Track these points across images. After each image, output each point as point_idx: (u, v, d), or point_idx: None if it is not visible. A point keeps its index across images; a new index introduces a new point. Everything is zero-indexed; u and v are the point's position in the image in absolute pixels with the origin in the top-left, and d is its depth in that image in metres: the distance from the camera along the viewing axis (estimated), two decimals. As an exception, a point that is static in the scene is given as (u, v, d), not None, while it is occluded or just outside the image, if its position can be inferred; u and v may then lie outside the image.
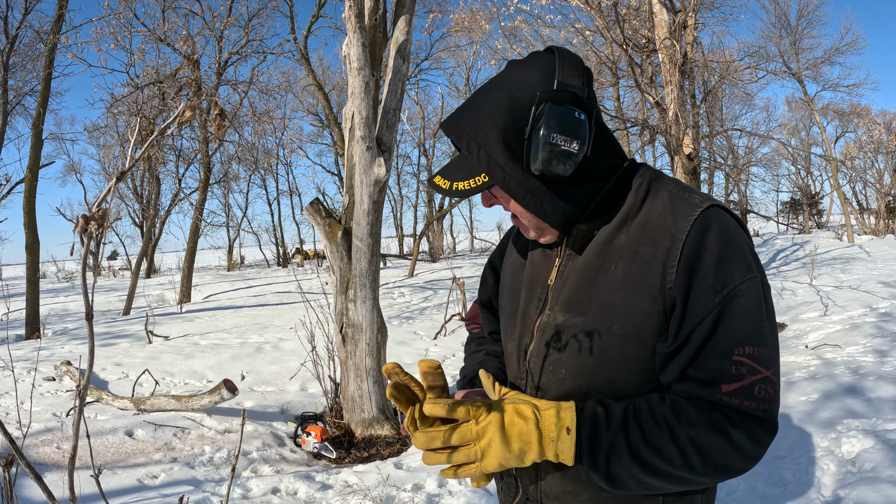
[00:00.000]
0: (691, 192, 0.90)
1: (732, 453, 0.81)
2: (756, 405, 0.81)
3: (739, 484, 2.96)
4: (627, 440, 0.81)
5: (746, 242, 0.87)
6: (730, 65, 9.87)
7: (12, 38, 10.16)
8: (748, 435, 0.81)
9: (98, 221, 0.67)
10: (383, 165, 4.19)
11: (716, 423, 0.81)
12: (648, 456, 0.81)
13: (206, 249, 27.10)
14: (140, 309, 11.11)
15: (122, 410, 4.62)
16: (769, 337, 0.83)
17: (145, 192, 20.91)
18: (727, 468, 0.82)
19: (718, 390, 0.81)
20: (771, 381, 0.82)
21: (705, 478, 0.82)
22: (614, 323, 0.86)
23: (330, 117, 14.35)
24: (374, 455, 4.04)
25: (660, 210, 0.88)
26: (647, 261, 0.85)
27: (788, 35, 18.04)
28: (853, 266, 9.86)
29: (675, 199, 0.89)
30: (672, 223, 0.86)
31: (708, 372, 0.82)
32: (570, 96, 0.83)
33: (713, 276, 0.82)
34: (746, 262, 0.84)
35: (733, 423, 0.81)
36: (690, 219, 0.85)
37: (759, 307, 0.83)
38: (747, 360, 0.81)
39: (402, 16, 4.39)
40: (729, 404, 0.81)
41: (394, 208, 26.05)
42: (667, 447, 0.80)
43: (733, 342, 0.82)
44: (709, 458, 0.80)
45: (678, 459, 0.80)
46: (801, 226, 26.31)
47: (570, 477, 0.93)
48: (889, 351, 4.65)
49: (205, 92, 2.22)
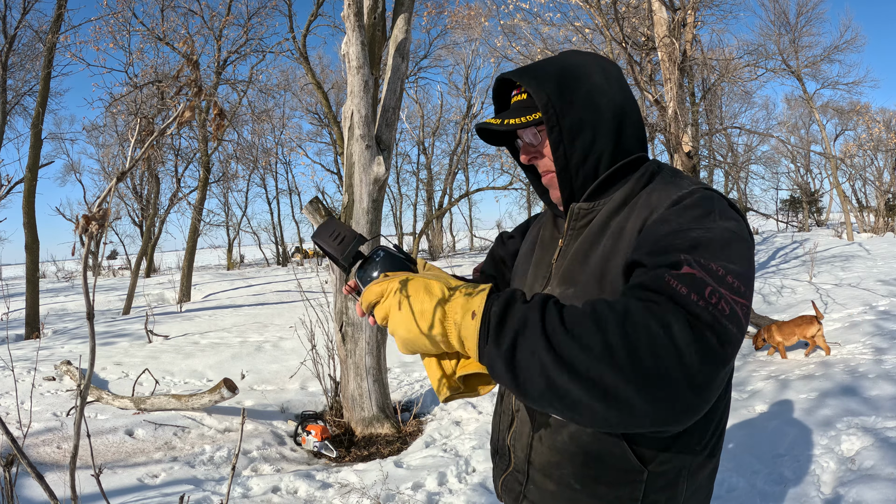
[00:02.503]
0: (685, 180, 0.95)
1: (671, 355, 0.64)
2: (704, 306, 0.68)
3: (739, 482, 2.97)
4: (542, 317, 0.70)
5: (728, 213, 0.85)
6: (729, 63, 9.86)
7: (11, 37, 10.15)
8: (693, 338, 0.66)
9: (98, 221, 0.68)
10: (382, 164, 4.19)
11: (655, 312, 0.67)
12: (564, 340, 0.67)
13: (205, 248, 27.11)
14: (140, 308, 11.11)
15: (123, 410, 4.62)
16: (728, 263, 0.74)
17: (144, 191, 20.90)
18: (661, 378, 0.64)
19: (667, 272, 0.72)
20: (725, 298, 0.70)
21: (631, 387, 0.64)
22: (598, 291, 0.90)
23: (329, 116, 14.34)
24: (374, 454, 4.04)
25: (649, 191, 0.94)
26: (628, 232, 0.91)
27: (788, 33, 18.02)
28: (852, 264, 9.87)
29: (666, 184, 0.94)
30: (656, 200, 0.91)
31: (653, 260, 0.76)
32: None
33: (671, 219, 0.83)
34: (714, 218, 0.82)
35: (676, 315, 0.67)
36: (679, 191, 0.90)
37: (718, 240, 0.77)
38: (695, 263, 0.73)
39: (401, 14, 4.39)
40: (675, 290, 0.69)
41: (393, 207, 26.03)
42: (588, 331, 0.67)
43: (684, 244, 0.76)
44: (638, 353, 0.65)
45: (599, 348, 0.66)
46: (801, 224, 26.31)
47: (557, 449, 0.98)
48: (888, 349, 4.65)
49: (204, 92, 2.24)
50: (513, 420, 1.08)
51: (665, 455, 0.93)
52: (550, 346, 0.68)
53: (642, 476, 0.93)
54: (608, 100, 0.97)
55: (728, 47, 15.55)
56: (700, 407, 0.67)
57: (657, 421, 0.66)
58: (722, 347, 0.67)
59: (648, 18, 7.57)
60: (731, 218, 0.84)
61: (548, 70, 0.99)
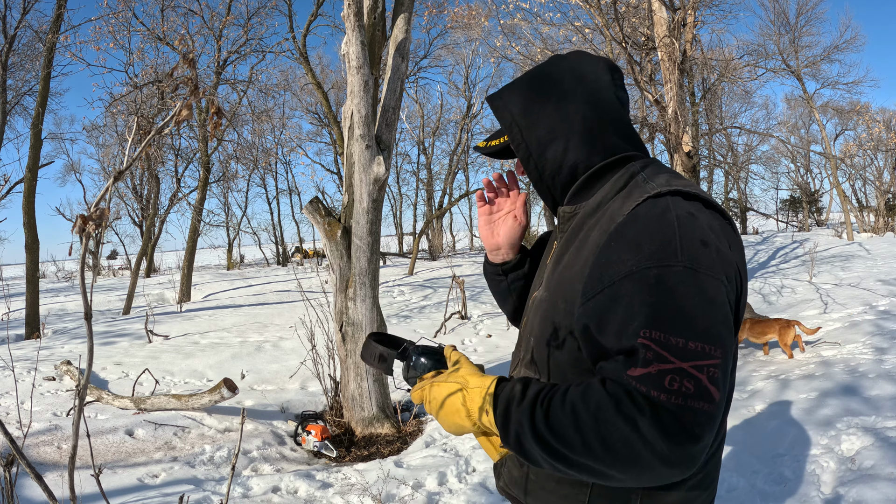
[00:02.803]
0: (656, 180, 0.91)
1: (640, 447, 0.71)
2: (667, 398, 0.71)
3: (739, 482, 2.97)
4: (532, 423, 0.79)
5: (683, 231, 0.80)
6: (729, 62, 9.86)
7: (11, 37, 10.14)
8: (659, 429, 0.70)
9: (96, 221, 0.67)
10: (382, 164, 4.19)
11: (623, 409, 0.72)
12: (551, 441, 0.77)
13: (205, 248, 27.11)
14: (140, 308, 11.11)
15: (123, 410, 4.62)
16: (684, 326, 0.74)
17: (144, 191, 20.91)
18: (637, 464, 0.72)
19: (624, 372, 0.75)
20: (688, 374, 0.72)
21: (616, 471, 0.74)
22: (560, 298, 0.93)
23: (329, 116, 14.33)
24: (374, 453, 4.04)
25: (619, 198, 0.92)
26: (590, 243, 0.91)
27: (787, 33, 18.02)
28: (852, 264, 9.87)
29: (635, 186, 0.92)
30: (619, 208, 0.89)
31: (616, 348, 0.77)
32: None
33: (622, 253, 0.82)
34: (666, 245, 0.79)
35: (641, 411, 0.71)
36: (634, 203, 0.87)
37: (669, 292, 0.76)
38: (652, 344, 0.74)
39: (401, 14, 4.39)
40: (637, 390, 0.73)
41: (393, 207, 26.03)
42: (569, 433, 0.75)
43: (637, 322, 0.76)
44: (613, 447, 0.72)
45: (580, 447, 0.74)
46: (801, 223, 26.31)
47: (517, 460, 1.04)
48: (888, 349, 4.65)
49: (202, 90, 2.24)
50: None
51: None
52: (544, 447, 0.79)
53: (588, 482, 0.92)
54: (577, 106, 0.98)
55: (728, 47, 15.55)
56: (686, 472, 0.73)
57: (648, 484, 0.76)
58: (692, 426, 0.71)
59: (648, 18, 7.57)
60: (695, 241, 0.80)
61: (516, 88, 1.05)
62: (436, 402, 0.92)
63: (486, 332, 7.37)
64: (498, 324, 7.70)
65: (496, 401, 0.86)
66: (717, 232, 0.84)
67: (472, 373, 0.93)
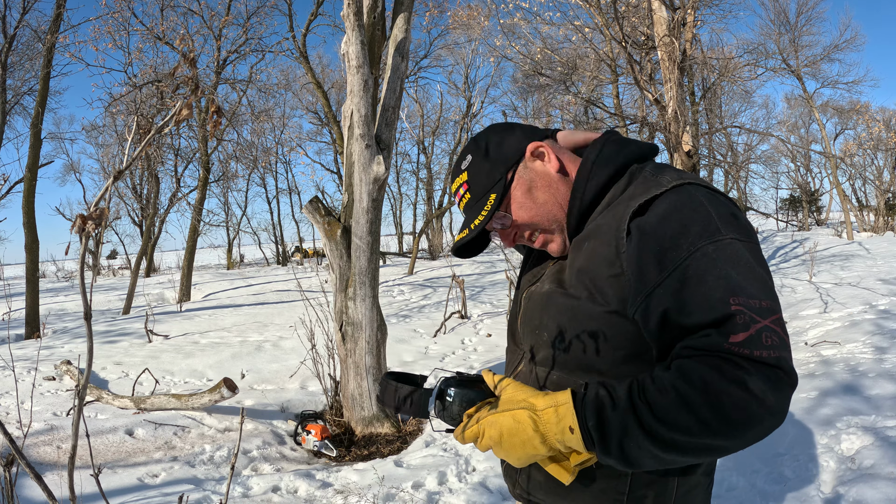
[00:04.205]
0: (664, 175, 0.95)
1: (754, 405, 0.74)
2: (767, 354, 0.76)
3: (739, 481, 2.97)
4: (638, 420, 0.78)
5: (715, 210, 0.86)
6: (729, 62, 9.86)
7: (10, 37, 10.13)
8: (767, 384, 0.74)
9: (96, 221, 0.67)
10: (382, 163, 4.19)
11: (729, 374, 0.75)
12: (664, 432, 0.76)
13: (205, 248, 27.10)
14: (140, 308, 11.11)
15: (123, 409, 4.62)
16: (756, 288, 0.80)
17: (144, 191, 20.90)
18: (751, 422, 0.74)
19: (726, 340, 0.77)
20: (772, 329, 0.78)
21: (730, 440, 0.76)
22: (583, 289, 0.94)
23: (329, 115, 14.33)
24: (374, 453, 4.04)
25: (631, 192, 0.96)
26: (607, 231, 0.93)
27: (787, 32, 18.01)
28: (853, 263, 9.86)
29: (646, 181, 0.96)
30: (630, 197, 0.94)
31: (707, 321, 0.79)
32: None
33: (673, 240, 0.84)
34: (708, 224, 0.84)
35: (748, 372, 0.75)
36: (654, 193, 0.90)
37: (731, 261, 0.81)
38: (744, 308, 0.78)
39: (400, 13, 4.38)
40: (739, 354, 0.76)
41: (393, 206, 26.02)
42: (682, 417, 0.75)
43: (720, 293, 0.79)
44: (728, 415, 0.74)
45: (696, 427, 0.75)
46: (801, 223, 26.30)
47: None
48: (888, 348, 4.65)
49: (202, 90, 2.22)
50: None
51: None
52: (655, 441, 0.77)
53: (627, 471, 0.93)
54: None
55: (728, 46, 15.54)
56: (782, 419, 0.78)
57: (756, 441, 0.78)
58: (787, 375, 0.76)
59: (648, 17, 7.56)
60: (727, 215, 0.87)
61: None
62: (498, 435, 0.86)
63: (486, 332, 7.37)
64: (498, 323, 7.70)
65: (584, 413, 0.82)
66: (732, 206, 0.91)
67: (533, 393, 0.88)
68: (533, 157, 1.04)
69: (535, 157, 1.04)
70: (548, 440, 0.83)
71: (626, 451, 0.79)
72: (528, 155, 1.04)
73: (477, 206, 1.04)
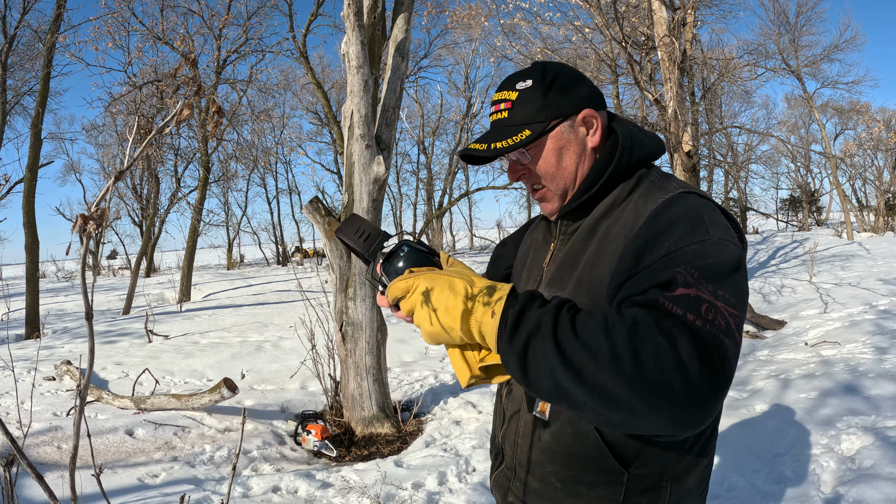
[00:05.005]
0: (672, 182, 0.97)
1: (674, 367, 0.66)
2: (702, 325, 0.70)
3: (739, 481, 2.97)
4: (555, 324, 0.73)
5: (709, 216, 0.86)
6: (729, 62, 9.85)
7: (11, 37, 10.13)
8: (696, 351, 0.67)
9: (96, 221, 0.67)
10: (382, 163, 4.19)
11: (663, 325, 0.69)
12: (573, 346, 0.70)
13: (205, 248, 27.11)
14: (140, 308, 11.11)
15: (123, 409, 4.62)
16: (720, 280, 0.76)
17: (144, 191, 20.89)
18: (662, 389, 0.66)
19: (661, 294, 0.73)
20: (721, 312, 0.72)
21: (633, 394, 0.67)
22: (584, 294, 0.93)
23: (329, 115, 14.33)
24: (374, 453, 4.04)
25: (636, 197, 0.96)
26: (614, 237, 0.93)
27: (787, 32, 18.02)
28: (853, 263, 9.86)
29: (652, 187, 0.96)
30: (642, 205, 0.93)
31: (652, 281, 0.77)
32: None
33: (658, 237, 0.84)
34: (697, 226, 0.84)
35: (680, 331, 0.68)
36: (659, 201, 0.91)
37: (707, 256, 0.79)
38: (694, 271, 0.75)
39: (400, 14, 4.39)
40: (671, 311, 0.71)
41: (393, 206, 26.02)
42: (598, 339, 0.70)
43: (680, 261, 0.78)
44: (644, 361, 0.67)
45: (607, 356, 0.68)
46: (801, 223, 26.31)
47: (540, 448, 1.01)
48: (888, 348, 4.65)
49: (203, 91, 2.21)
50: (504, 419, 1.12)
51: (646, 457, 0.94)
52: (560, 351, 0.71)
53: (622, 478, 0.94)
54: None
55: (728, 47, 15.54)
56: (699, 421, 0.68)
57: (657, 427, 0.69)
58: (722, 366, 0.69)
59: (648, 18, 7.56)
60: (721, 224, 0.86)
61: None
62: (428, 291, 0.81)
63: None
64: (498, 323, 7.68)
65: (511, 299, 0.78)
66: (730, 219, 0.92)
67: (477, 275, 0.86)
68: (582, 122, 1.01)
69: (584, 125, 1.01)
70: (471, 317, 0.79)
71: (529, 351, 0.73)
72: (579, 118, 1.01)
73: (507, 131, 1.00)
